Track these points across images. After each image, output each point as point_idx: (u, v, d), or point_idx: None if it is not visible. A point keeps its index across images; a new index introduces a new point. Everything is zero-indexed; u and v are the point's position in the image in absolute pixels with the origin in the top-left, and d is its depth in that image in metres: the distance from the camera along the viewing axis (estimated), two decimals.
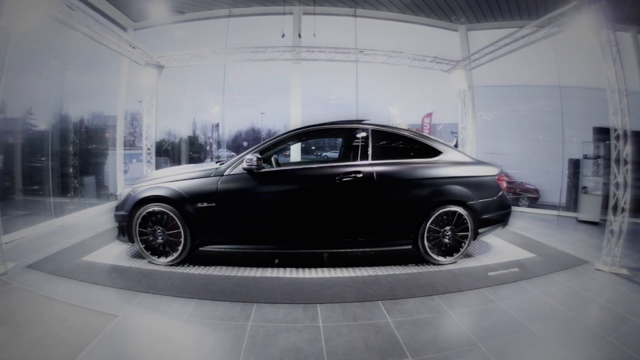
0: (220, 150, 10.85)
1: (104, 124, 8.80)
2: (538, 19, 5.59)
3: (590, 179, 6.74)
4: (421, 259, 3.75)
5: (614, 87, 3.80)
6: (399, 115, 10.88)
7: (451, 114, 8.75)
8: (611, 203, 3.83)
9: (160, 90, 7.33)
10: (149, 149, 7.15)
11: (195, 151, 11.29)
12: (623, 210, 3.71)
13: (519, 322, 2.58)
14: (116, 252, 3.93)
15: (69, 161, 7.18)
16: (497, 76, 8.79)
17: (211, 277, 3.31)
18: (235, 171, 3.57)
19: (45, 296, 2.80)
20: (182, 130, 11.05)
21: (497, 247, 4.43)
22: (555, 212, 7.33)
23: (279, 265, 3.64)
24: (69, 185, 7.19)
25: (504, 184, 4.02)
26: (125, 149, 8.35)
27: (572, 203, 7.69)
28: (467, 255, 4.02)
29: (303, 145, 8.86)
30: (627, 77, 3.80)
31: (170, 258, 3.55)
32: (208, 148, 11.39)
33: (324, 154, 11.73)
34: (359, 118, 4.05)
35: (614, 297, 3.08)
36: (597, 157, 6.84)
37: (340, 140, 5.16)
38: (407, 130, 4.05)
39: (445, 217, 3.69)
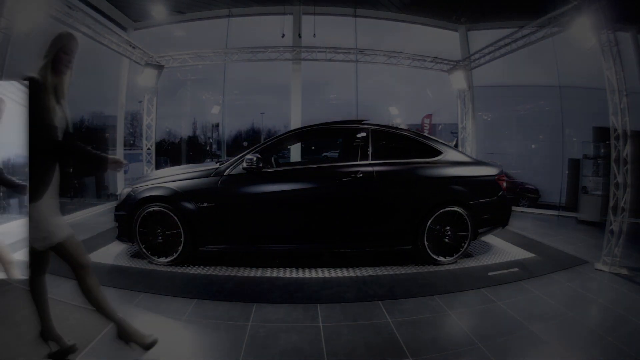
0: (217, 150, 10.88)
1: (104, 124, 8.82)
2: (538, 19, 5.58)
3: (590, 179, 6.73)
4: (421, 259, 3.75)
5: (614, 87, 3.80)
6: (399, 115, 10.89)
7: (451, 114, 8.76)
8: (611, 203, 3.83)
9: (160, 90, 7.33)
10: (149, 149, 7.16)
11: (196, 151, 11.31)
12: (623, 210, 3.71)
13: (519, 322, 2.58)
14: (116, 252, 3.93)
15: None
16: (497, 76, 8.78)
17: (211, 277, 3.31)
18: (235, 171, 3.57)
19: None
20: (182, 130, 11.08)
21: (497, 247, 4.42)
22: (555, 212, 7.32)
23: (279, 265, 3.64)
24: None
25: (504, 184, 4.02)
26: (125, 149, 8.36)
27: (572, 203, 7.68)
28: (467, 255, 4.01)
29: (303, 145, 8.85)
30: (627, 77, 3.79)
31: (170, 258, 3.55)
32: (208, 148, 11.40)
33: (324, 154, 11.73)
34: (359, 118, 4.05)
35: (614, 297, 3.08)
36: (597, 157, 6.83)
37: (340, 140, 5.16)
38: (407, 130, 4.06)
39: (445, 217, 3.69)
